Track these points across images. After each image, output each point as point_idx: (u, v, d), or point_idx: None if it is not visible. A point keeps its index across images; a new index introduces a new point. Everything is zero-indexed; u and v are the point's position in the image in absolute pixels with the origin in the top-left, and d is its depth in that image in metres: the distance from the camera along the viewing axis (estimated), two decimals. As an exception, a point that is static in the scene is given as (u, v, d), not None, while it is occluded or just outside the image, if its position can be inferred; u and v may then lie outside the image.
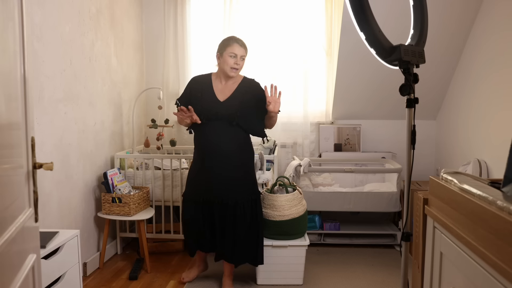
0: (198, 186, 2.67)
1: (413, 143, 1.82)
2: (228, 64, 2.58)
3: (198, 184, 2.67)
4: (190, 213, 2.71)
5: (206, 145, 2.61)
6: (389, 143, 4.06)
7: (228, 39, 2.63)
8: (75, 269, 2.14)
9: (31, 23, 2.33)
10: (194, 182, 2.70)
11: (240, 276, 2.93)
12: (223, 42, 2.63)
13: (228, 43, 2.59)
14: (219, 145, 2.59)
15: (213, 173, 2.61)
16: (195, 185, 2.69)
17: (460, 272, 1.34)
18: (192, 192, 2.70)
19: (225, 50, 2.58)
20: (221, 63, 2.62)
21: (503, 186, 1.22)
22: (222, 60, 2.61)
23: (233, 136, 2.61)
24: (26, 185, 1.28)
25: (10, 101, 1.16)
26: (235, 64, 2.59)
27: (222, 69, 2.62)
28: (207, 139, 2.61)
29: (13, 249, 1.13)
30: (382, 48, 1.76)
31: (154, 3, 4.06)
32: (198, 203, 2.67)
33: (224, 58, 2.59)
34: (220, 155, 2.60)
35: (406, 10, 2.07)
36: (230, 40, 2.62)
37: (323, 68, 4.00)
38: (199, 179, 2.66)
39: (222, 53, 2.60)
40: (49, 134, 2.54)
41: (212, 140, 2.60)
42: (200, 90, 2.65)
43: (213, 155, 2.60)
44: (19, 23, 1.26)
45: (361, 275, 2.98)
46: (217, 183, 2.61)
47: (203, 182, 2.65)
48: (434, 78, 3.64)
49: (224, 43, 2.62)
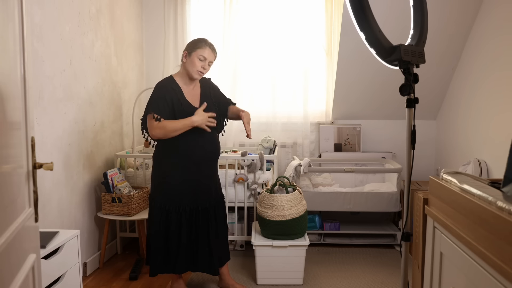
0: (181, 194, 2.49)
1: (413, 143, 1.82)
2: (195, 66, 2.43)
3: (181, 192, 2.49)
4: (166, 225, 2.52)
5: (193, 152, 2.46)
6: (389, 143, 4.06)
7: (200, 41, 2.47)
8: (75, 269, 2.14)
9: (31, 23, 2.33)
10: (175, 190, 2.49)
11: (240, 276, 2.93)
12: (194, 42, 2.47)
13: (200, 45, 2.44)
14: (205, 150, 2.51)
15: (199, 180, 2.51)
16: (176, 193, 2.49)
17: (460, 272, 1.34)
18: (173, 200, 2.49)
19: (194, 51, 2.43)
20: (187, 64, 2.45)
21: (503, 186, 1.22)
22: (189, 60, 2.44)
23: (214, 139, 2.57)
24: (26, 185, 1.28)
25: (10, 101, 1.16)
26: (202, 68, 2.44)
27: (186, 70, 2.47)
28: (194, 146, 2.46)
29: (13, 249, 1.13)
30: (382, 48, 1.75)
31: (154, 3, 4.06)
32: (174, 213, 2.50)
33: (192, 58, 2.43)
34: (205, 160, 2.52)
35: (406, 10, 2.07)
36: (202, 42, 2.46)
37: (323, 68, 4.00)
38: (183, 187, 2.48)
39: (190, 53, 2.44)
40: (49, 134, 2.54)
41: (199, 146, 2.47)
42: (177, 97, 2.45)
43: (199, 161, 2.49)
44: (19, 23, 1.26)
45: (361, 275, 2.98)
46: (203, 189, 2.53)
47: (186, 190, 2.49)
48: (434, 78, 3.64)
49: (195, 44, 2.46)
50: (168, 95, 2.43)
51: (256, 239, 2.87)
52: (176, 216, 2.50)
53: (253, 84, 4.02)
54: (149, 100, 2.44)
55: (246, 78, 4.02)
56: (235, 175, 3.27)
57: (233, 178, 3.28)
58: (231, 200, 3.30)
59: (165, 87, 2.46)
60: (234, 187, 3.28)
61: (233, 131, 4.00)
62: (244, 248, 3.45)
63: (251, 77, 4.02)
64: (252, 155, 3.26)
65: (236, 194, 3.28)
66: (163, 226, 2.50)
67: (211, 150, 2.55)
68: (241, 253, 3.39)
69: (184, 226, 2.51)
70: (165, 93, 2.43)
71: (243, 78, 4.01)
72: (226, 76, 3.96)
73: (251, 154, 3.30)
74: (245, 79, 4.02)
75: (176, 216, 2.50)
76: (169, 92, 2.44)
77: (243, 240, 3.40)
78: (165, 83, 2.48)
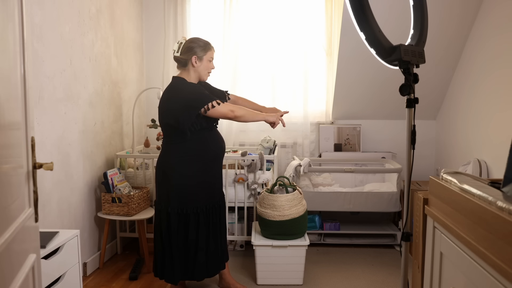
0: (198, 194, 2.48)
1: (413, 143, 1.82)
2: (207, 68, 2.53)
3: (198, 192, 2.48)
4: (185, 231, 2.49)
5: (215, 151, 2.53)
6: (389, 143, 4.06)
7: (206, 43, 2.53)
8: (75, 269, 2.14)
9: (31, 23, 2.33)
10: (193, 191, 2.46)
11: (240, 276, 2.93)
12: (201, 46, 2.50)
13: (208, 48, 2.52)
14: (223, 148, 2.60)
15: (217, 179, 2.59)
16: (194, 194, 2.47)
17: (460, 272, 1.34)
18: (191, 202, 2.46)
19: (205, 54, 2.49)
20: (200, 67, 2.50)
21: (503, 186, 1.22)
22: (201, 64, 2.49)
23: (220, 135, 2.63)
24: (26, 185, 1.28)
25: (10, 101, 1.16)
26: (211, 69, 2.56)
27: (198, 73, 2.52)
28: (217, 145, 2.54)
29: (13, 249, 1.13)
30: (382, 48, 1.76)
31: (154, 3, 4.06)
32: (193, 215, 2.47)
33: (203, 62, 2.50)
34: (221, 159, 2.61)
35: (406, 10, 2.07)
36: (208, 44, 2.53)
37: (323, 68, 4.00)
38: (201, 188, 2.48)
39: (201, 57, 2.48)
40: (49, 134, 2.54)
41: (220, 144, 2.56)
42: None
43: (218, 160, 2.58)
44: (19, 23, 1.26)
45: (361, 275, 2.98)
46: (218, 188, 2.61)
47: (205, 190, 2.50)
48: (434, 78, 3.64)
49: (203, 47, 2.50)
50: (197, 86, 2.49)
51: (256, 239, 2.87)
52: (194, 219, 2.46)
53: (253, 84, 4.02)
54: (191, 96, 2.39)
55: (246, 78, 4.02)
56: (235, 175, 3.27)
57: (233, 178, 3.28)
58: (231, 200, 3.30)
59: (188, 84, 2.47)
60: (234, 187, 3.28)
61: (233, 131, 4.00)
62: (244, 248, 3.45)
63: (251, 77, 4.02)
64: (252, 155, 3.26)
65: (236, 194, 3.28)
66: (182, 233, 2.47)
67: (223, 146, 2.60)
68: (241, 253, 3.39)
69: (202, 228, 2.48)
70: (194, 86, 2.46)
71: (243, 78, 4.01)
72: (226, 76, 3.96)
73: (251, 154, 3.30)
74: (245, 79, 4.02)
75: (195, 219, 2.46)
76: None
77: (243, 240, 3.40)
78: (185, 82, 2.48)
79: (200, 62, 2.49)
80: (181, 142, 2.43)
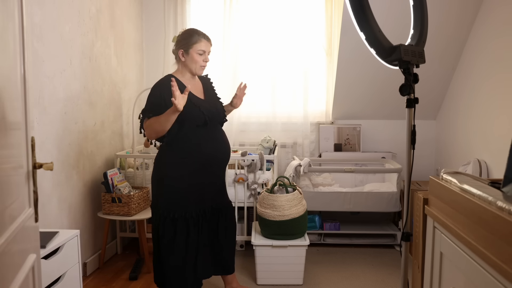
0: (190, 198, 2.35)
1: (413, 143, 1.82)
2: (197, 62, 2.33)
3: (190, 195, 2.35)
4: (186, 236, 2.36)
5: (209, 152, 2.34)
6: (389, 143, 4.06)
7: (192, 34, 2.34)
8: (75, 269, 2.14)
9: (31, 23, 2.33)
10: (185, 193, 2.33)
11: (240, 276, 2.93)
12: (186, 38, 2.33)
13: (195, 39, 2.32)
14: (220, 150, 2.41)
15: (210, 181, 2.41)
16: (184, 197, 2.33)
17: (460, 272, 1.34)
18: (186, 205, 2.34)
19: (191, 47, 2.31)
20: (188, 61, 2.34)
21: (503, 186, 1.22)
22: (188, 58, 2.33)
23: (224, 136, 2.46)
24: (26, 185, 1.28)
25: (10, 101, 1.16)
26: (204, 62, 2.35)
27: (188, 68, 2.36)
28: (211, 146, 2.34)
29: (13, 249, 1.13)
30: (382, 48, 1.76)
31: (154, 3, 4.06)
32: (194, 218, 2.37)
33: (191, 56, 2.32)
34: (218, 161, 2.42)
35: (406, 10, 2.07)
36: (195, 35, 2.33)
37: (323, 68, 4.01)
38: (193, 190, 2.34)
39: (187, 50, 2.32)
40: (49, 134, 2.54)
41: (215, 146, 2.37)
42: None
43: (213, 163, 2.38)
44: (19, 23, 1.26)
45: (361, 275, 2.98)
46: (212, 190, 2.44)
47: (197, 193, 2.36)
48: (434, 78, 3.64)
49: (189, 39, 2.32)
50: (165, 93, 2.24)
51: (256, 239, 2.87)
52: (196, 221, 2.37)
53: (253, 84, 4.02)
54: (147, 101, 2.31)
55: (246, 78, 4.01)
56: (235, 175, 3.27)
57: (233, 178, 3.27)
58: (231, 200, 3.29)
59: (164, 85, 2.28)
60: (234, 187, 3.28)
61: (233, 131, 4.00)
62: (244, 248, 3.45)
63: (251, 77, 4.02)
64: (252, 155, 3.26)
65: (236, 194, 3.28)
66: (185, 237, 2.34)
67: (220, 148, 2.42)
68: (241, 253, 3.39)
69: (204, 231, 2.40)
70: (161, 92, 2.27)
71: (243, 78, 4.00)
72: (226, 76, 3.96)
73: (251, 154, 3.30)
74: (245, 79, 4.00)
75: (197, 221, 2.37)
76: (169, 89, 2.18)
77: (243, 240, 3.40)
78: (165, 81, 2.31)
79: (187, 55, 2.33)
80: (172, 142, 2.30)
